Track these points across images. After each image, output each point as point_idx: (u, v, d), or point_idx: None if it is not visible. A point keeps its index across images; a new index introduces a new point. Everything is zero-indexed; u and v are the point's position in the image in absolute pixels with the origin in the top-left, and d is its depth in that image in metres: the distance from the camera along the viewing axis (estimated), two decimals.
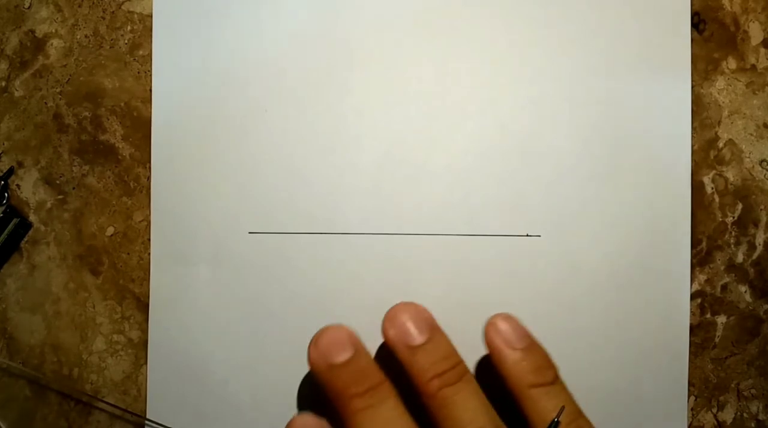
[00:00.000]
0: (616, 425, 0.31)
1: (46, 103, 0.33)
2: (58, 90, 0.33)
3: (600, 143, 0.31)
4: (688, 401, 0.31)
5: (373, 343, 0.31)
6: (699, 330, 0.31)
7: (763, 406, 0.31)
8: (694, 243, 0.31)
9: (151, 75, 0.32)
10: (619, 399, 0.31)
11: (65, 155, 0.33)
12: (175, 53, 0.32)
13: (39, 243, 0.33)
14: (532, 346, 0.27)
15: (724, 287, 0.32)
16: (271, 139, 0.32)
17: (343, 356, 0.27)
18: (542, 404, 0.26)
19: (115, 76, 0.33)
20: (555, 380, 0.27)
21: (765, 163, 0.32)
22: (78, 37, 0.33)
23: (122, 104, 0.33)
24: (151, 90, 0.32)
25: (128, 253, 0.33)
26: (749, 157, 0.32)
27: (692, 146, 0.31)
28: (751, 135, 0.32)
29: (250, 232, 0.32)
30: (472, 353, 0.31)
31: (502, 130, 0.31)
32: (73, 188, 0.33)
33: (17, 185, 0.34)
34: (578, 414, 0.27)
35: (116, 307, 0.33)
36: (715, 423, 0.31)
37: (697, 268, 0.32)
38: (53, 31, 0.33)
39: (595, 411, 0.31)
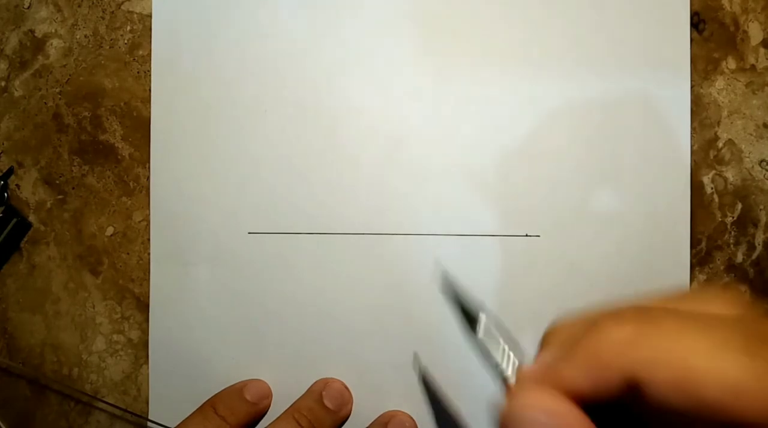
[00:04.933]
0: None
1: (46, 103, 0.33)
2: (57, 90, 0.33)
3: (600, 143, 0.31)
4: None
5: (371, 343, 0.31)
6: None
7: None
8: (694, 243, 0.31)
9: (151, 75, 0.32)
10: None
11: (65, 155, 0.33)
12: (175, 53, 0.32)
13: (39, 243, 0.33)
14: None
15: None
16: (271, 139, 0.32)
17: None
18: None
19: (115, 76, 0.33)
20: None
21: (765, 163, 0.32)
22: (78, 37, 0.33)
23: (122, 104, 0.33)
24: (150, 90, 0.32)
25: (128, 253, 0.33)
26: (749, 157, 0.32)
27: (692, 146, 0.31)
28: (751, 135, 0.32)
29: (249, 232, 0.32)
30: (472, 352, 0.31)
31: (502, 130, 0.31)
32: (73, 188, 0.33)
33: (17, 185, 0.34)
34: None
35: (116, 307, 0.33)
36: None
37: (697, 268, 0.32)
38: (53, 31, 0.33)
39: None
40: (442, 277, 0.25)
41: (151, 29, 0.32)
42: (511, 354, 0.18)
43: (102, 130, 0.33)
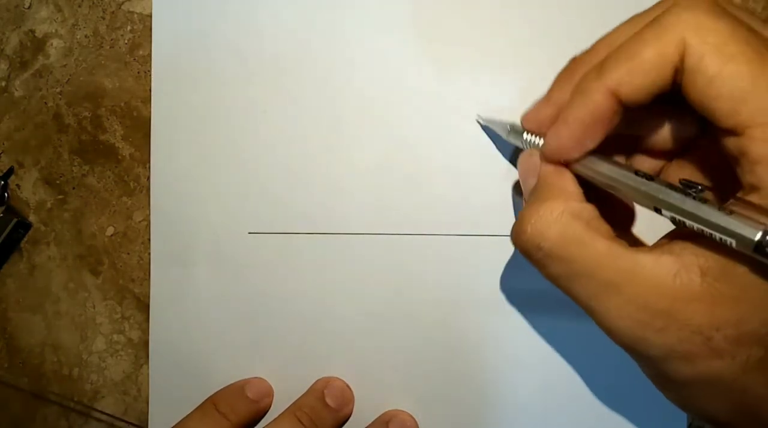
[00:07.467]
0: (617, 425, 0.31)
1: (46, 103, 0.33)
2: (58, 90, 0.33)
3: None
4: None
5: (371, 343, 0.31)
6: None
7: None
8: None
9: (151, 75, 0.32)
10: (619, 398, 0.31)
11: (65, 155, 0.33)
12: (175, 53, 0.32)
13: (39, 243, 0.33)
14: None
15: None
16: (271, 139, 0.32)
17: None
18: None
19: (115, 76, 0.33)
20: None
21: None
22: (78, 37, 0.33)
23: (122, 104, 0.33)
24: (151, 90, 0.32)
25: (128, 253, 0.33)
26: None
27: None
28: None
29: (250, 232, 0.32)
30: (472, 352, 0.31)
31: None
32: (73, 188, 0.33)
33: (17, 185, 0.34)
34: None
35: (116, 307, 0.33)
36: None
37: None
38: (53, 31, 0.33)
39: (595, 410, 0.31)
40: (478, 120, 0.31)
41: (151, 29, 0.32)
42: (534, 139, 0.25)
43: (102, 130, 0.33)
